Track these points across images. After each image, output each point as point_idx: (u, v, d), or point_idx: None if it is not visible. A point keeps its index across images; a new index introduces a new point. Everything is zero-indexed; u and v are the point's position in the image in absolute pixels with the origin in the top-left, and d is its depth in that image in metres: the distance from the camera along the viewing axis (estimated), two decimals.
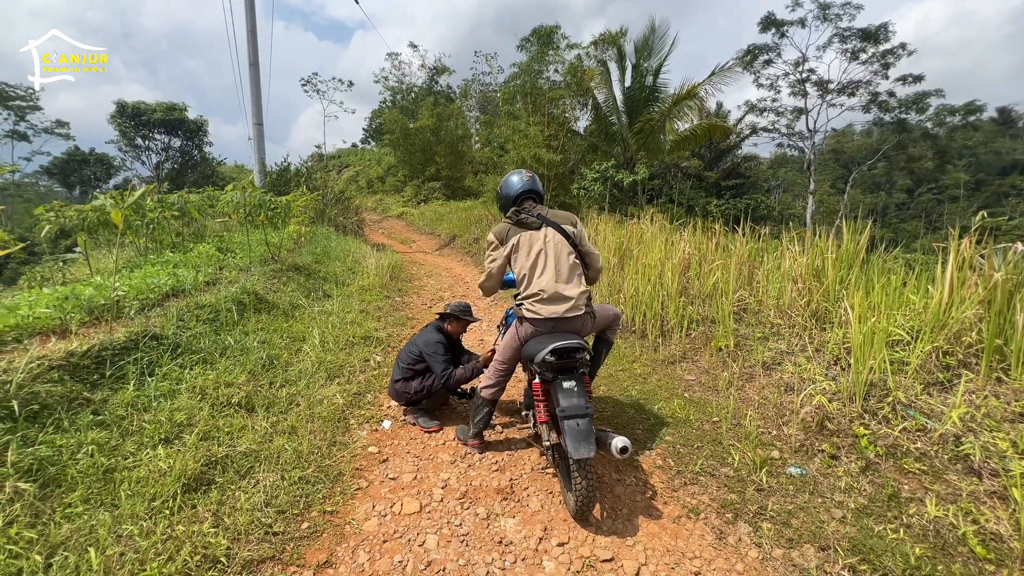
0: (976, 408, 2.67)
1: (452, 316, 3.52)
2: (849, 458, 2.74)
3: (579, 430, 2.09)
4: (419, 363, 3.25)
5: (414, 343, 3.35)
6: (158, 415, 2.63)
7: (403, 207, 21.44)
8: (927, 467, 2.50)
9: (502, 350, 2.79)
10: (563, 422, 2.12)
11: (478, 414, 2.85)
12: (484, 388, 2.82)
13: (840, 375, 3.27)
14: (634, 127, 17.47)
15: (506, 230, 2.67)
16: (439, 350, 3.23)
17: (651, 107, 17.84)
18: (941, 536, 2.13)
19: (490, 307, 6.98)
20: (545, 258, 2.55)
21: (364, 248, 10.04)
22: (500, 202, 2.89)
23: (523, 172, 2.80)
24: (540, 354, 2.25)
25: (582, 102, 18.39)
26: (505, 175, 2.89)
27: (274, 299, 4.88)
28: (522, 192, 2.74)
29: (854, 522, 2.27)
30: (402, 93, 30.79)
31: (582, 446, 2.04)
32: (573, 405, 2.15)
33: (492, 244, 2.73)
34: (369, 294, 6.53)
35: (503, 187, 2.82)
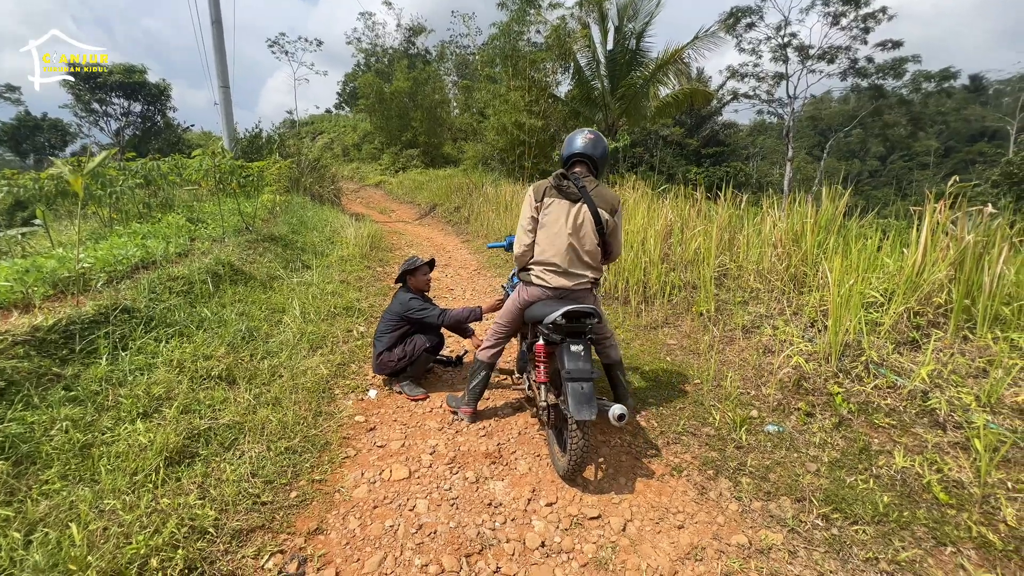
0: (943, 365, 2.79)
1: (406, 273, 3.44)
2: (824, 415, 2.85)
3: (583, 393, 2.11)
4: (399, 328, 3.22)
5: (389, 311, 3.31)
6: (135, 389, 2.56)
7: (381, 176, 20.90)
8: (896, 422, 2.62)
9: (503, 312, 2.78)
10: (567, 384, 2.13)
11: (475, 378, 2.84)
12: (483, 350, 2.83)
13: (817, 336, 3.36)
14: (616, 92, 17.18)
15: (543, 190, 2.53)
16: (417, 303, 3.23)
17: (634, 71, 17.51)
18: (907, 485, 2.25)
19: (472, 277, 6.93)
20: (569, 234, 2.46)
21: (342, 218, 9.79)
22: (561, 158, 2.72)
23: (586, 132, 2.59)
24: (551, 316, 2.25)
25: (564, 66, 17.92)
26: (572, 134, 2.67)
27: (251, 270, 4.74)
28: (576, 154, 2.57)
29: (827, 475, 2.38)
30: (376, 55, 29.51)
31: (584, 408, 2.06)
32: (578, 368, 2.17)
33: (530, 200, 2.56)
34: (349, 264, 6.40)
35: (565, 144, 2.64)
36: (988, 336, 2.87)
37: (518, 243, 2.58)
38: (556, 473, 2.41)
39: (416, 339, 3.20)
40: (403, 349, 3.17)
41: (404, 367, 3.20)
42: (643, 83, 16.72)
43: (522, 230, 2.57)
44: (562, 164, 2.65)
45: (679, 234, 5.45)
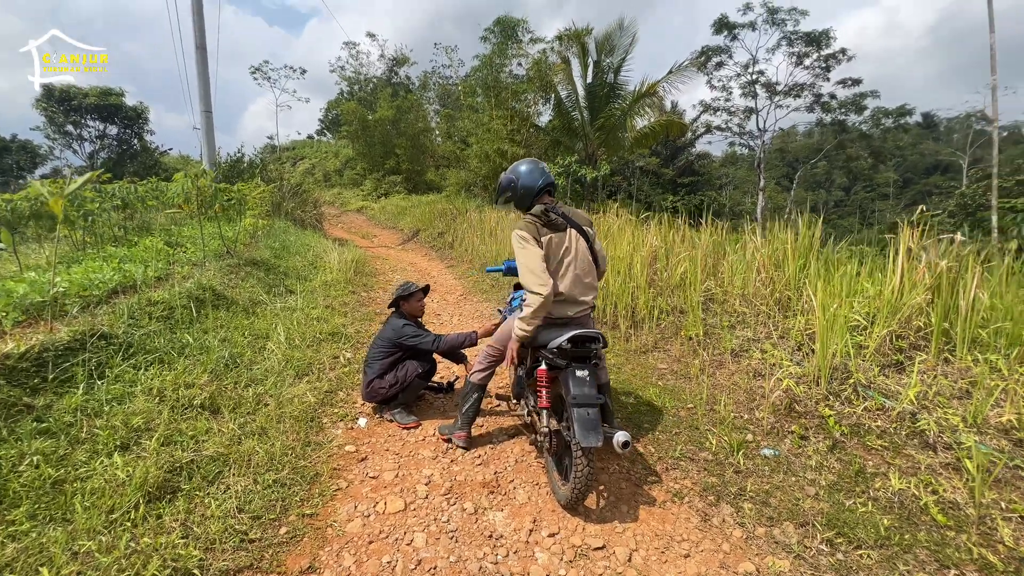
0: (927, 387, 2.86)
1: (400, 299, 3.40)
2: (817, 438, 2.87)
3: (589, 419, 2.08)
4: (391, 354, 3.16)
5: (381, 337, 3.25)
6: (111, 420, 2.42)
7: (363, 201, 20.87)
8: (888, 443, 2.66)
9: (500, 337, 2.74)
10: (573, 410, 2.10)
11: (467, 402, 2.78)
12: (475, 373, 2.78)
13: (804, 360, 3.42)
14: (596, 123, 17.71)
15: (535, 229, 2.38)
16: (411, 329, 3.18)
17: (612, 103, 18.12)
18: (905, 507, 2.26)
19: (459, 302, 6.89)
20: (571, 263, 2.44)
21: (325, 243, 9.69)
22: (514, 195, 2.56)
23: (537, 162, 2.59)
24: (556, 341, 2.23)
25: (544, 97, 18.44)
26: (514, 165, 2.61)
27: (233, 295, 4.61)
28: (544, 186, 2.54)
29: (827, 498, 2.38)
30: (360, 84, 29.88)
31: (591, 434, 2.03)
32: (584, 394, 2.13)
33: (525, 241, 2.37)
34: (333, 289, 6.30)
35: (521, 178, 2.52)
36: (968, 358, 2.97)
37: (540, 288, 2.25)
38: (557, 502, 2.35)
39: (408, 365, 3.14)
40: (395, 375, 3.10)
41: (395, 394, 3.12)
42: (621, 114, 17.30)
43: (534, 276, 2.28)
44: (531, 198, 2.51)
45: (664, 260, 5.55)
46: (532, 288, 2.30)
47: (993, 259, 3.69)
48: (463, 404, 2.81)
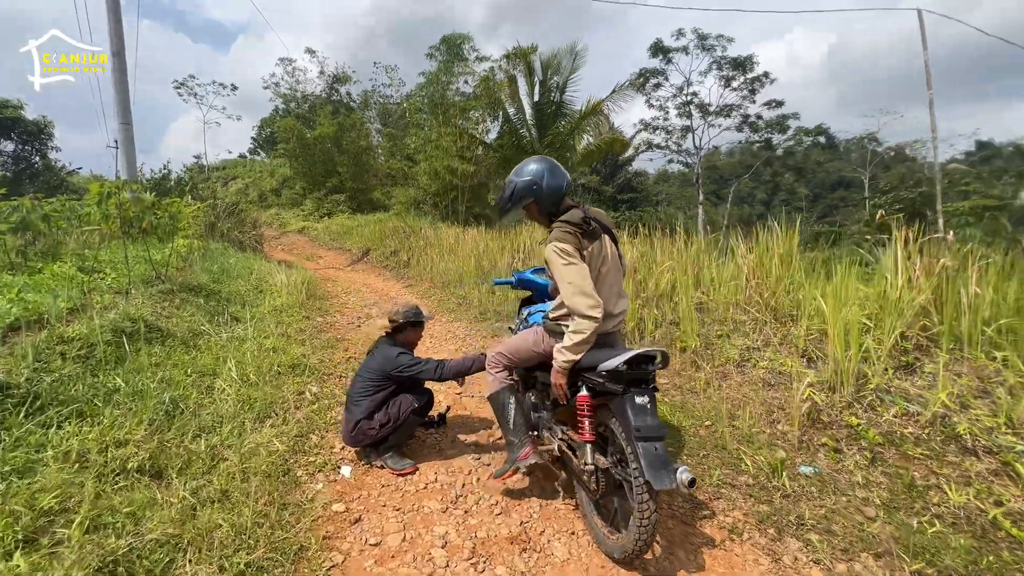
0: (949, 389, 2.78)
1: (408, 324, 2.98)
2: (851, 450, 2.70)
3: (658, 455, 1.74)
4: (381, 389, 2.68)
5: (368, 369, 2.77)
6: (9, 504, 1.78)
7: (304, 221, 19.73)
8: (928, 451, 2.52)
9: (512, 347, 2.37)
10: (638, 444, 1.75)
11: (507, 412, 2.28)
12: (493, 383, 2.35)
13: (818, 366, 3.30)
14: (544, 140, 17.86)
15: (577, 241, 2.02)
16: (408, 357, 2.74)
17: (559, 121, 18.41)
18: (973, 523, 2.10)
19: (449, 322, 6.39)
20: (607, 273, 2.12)
21: (268, 265, 8.83)
22: (538, 200, 2.16)
23: (548, 159, 2.22)
24: (610, 363, 1.86)
25: (492, 114, 18.42)
26: (523, 166, 2.21)
27: (169, 326, 3.89)
28: (569, 186, 2.20)
29: (888, 519, 2.18)
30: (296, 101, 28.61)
31: (662, 474, 1.68)
32: (648, 425, 1.79)
33: (568, 256, 1.99)
34: (285, 315, 5.61)
35: (546, 179, 2.12)
36: (981, 356, 2.94)
37: (593, 310, 1.93)
38: (605, 555, 1.98)
39: (402, 400, 2.67)
40: (386, 413, 2.62)
41: (386, 435, 2.64)
42: (568, 132, 17.59)
43: (584, 297, 1.93)
44: (553, 202, 2.17)
45: (644, 270, 5.40)
46: (583, 311, 1.93)
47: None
48: (506, 420, 2.32)
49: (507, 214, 2.32)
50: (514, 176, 2.25)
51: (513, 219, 2.83)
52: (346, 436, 2.67)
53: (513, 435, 2.29)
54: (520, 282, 2.96)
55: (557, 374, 2.05)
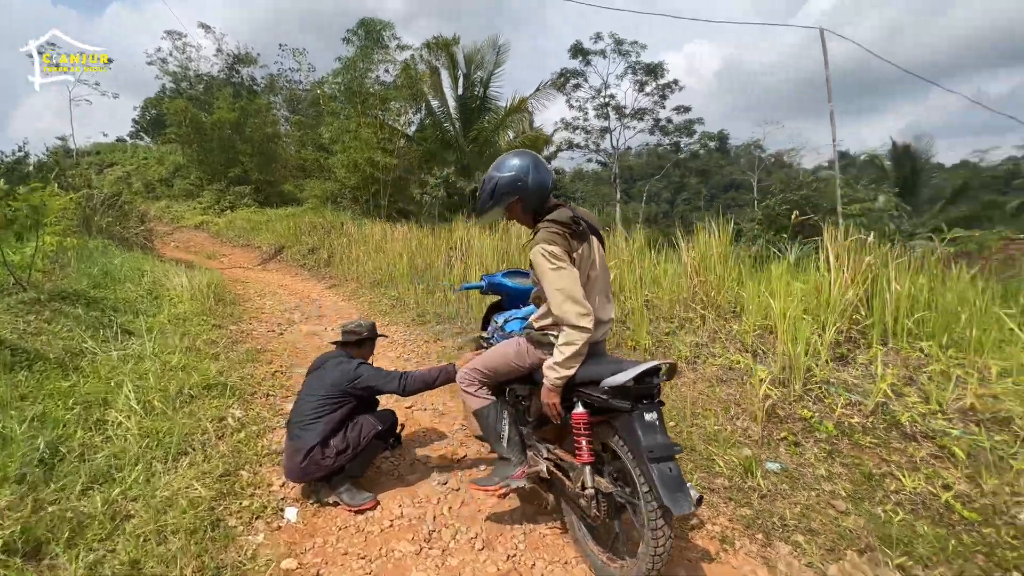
0: (877, 379, 3.00)
1: (365, 339, 2.66)
2: (808, 442, 2.81)
3: (673, 476, 1.59)
4: (338, 407, 2.32)
5: (320, 385, 2.38)
6: None
7: (202, 215, 17.68)
8: (876, 439, 2.68)
9: (490, 362, 2.11)
10: (652, 466, 1.59)
11: (495, 430, 2.05)
12: (474, 399, 2.10)
13: (766, 361, 3.43)
14: (469, 135, 17.60)
15: (567, 243, 1.83)
16: (369, 368, 2.43)
17: (484, 117, 18.23)
18: (930, 507, 2.23)
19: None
20: (596, 277, 1.94)
21: (162, 266, 7.68)
22: (523, 197, 1.95)
23: (530, 152, 2.02)
24: (617, 378, 1.67)
25: (416, 106, 17.80)
26: (503, 161, 1.99)
27: (38, 346, 3.13)
28: (553, 184, 2.01)
29: (857, 510, 2.26)
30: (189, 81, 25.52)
31: (681, 497, 1.54)
32: (660, 444, 1.63)
33: (556, 260, 1.79)
34: (191, 325, 4.85)
35: (531, 175, 1.92)
36: (906, 347, 3.21)
37: (584, 319, 1.76)
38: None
39: (362, 422, 2.32)
40: (344, 438, 2.25)
41: (343, 465, 2.27)
42: (494, 128, 17.47)
43: (575, 305, 1.76)
44: (539, 199, 1.98)
45: None
46: (573, 321, 1.75)
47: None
48: (499, 436, 2.08)
49: (486, 214, 2.07)
50: (495, 171, 2.00)
51: (492, 219, 2.52)
52: (292, 469, 2.26)
53: (508, 452, 2.06)
54: (491, 287, 2.71)
55: (550, 392, 1.85)
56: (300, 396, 2.45)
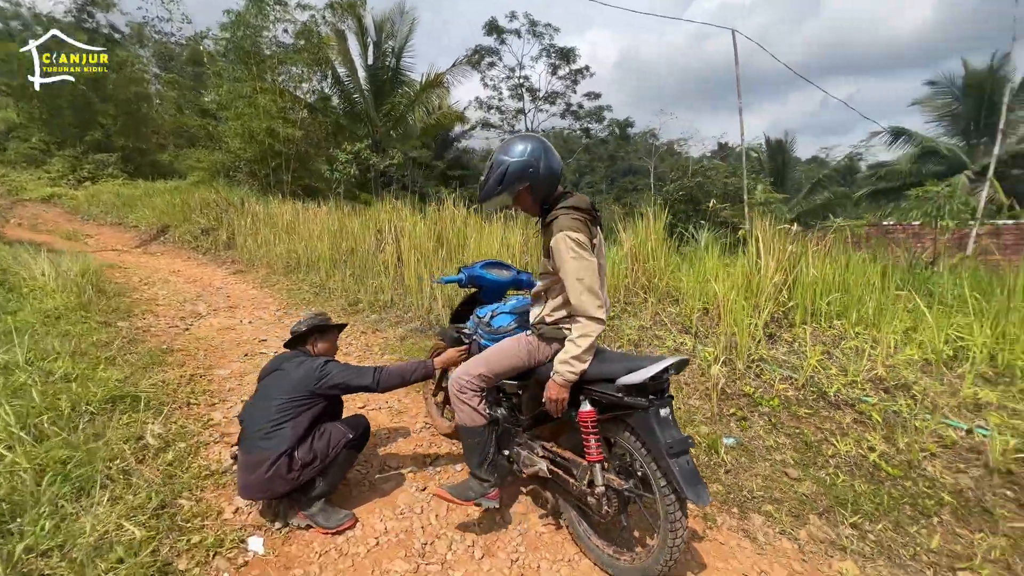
0: (799, 355, 3.37)
1: (316, 330, 2.35)
2: (753, 416, 3.07)
3: (691, 469, 1.62)
4: (303, 409, 2.04)
5: (278, 389, 2.08)
6: None
7: (52, 187, 14.80)
8: (809, 410, 3.00)
9: (501, 361, 1.98)
10: (671, 461, 1.60)
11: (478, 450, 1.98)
12: (469, 415, 1.98)
13: (713, 342, 3.68)
14: (382, 109, 16.65)
15: (588, 230, 1.79)
16: (337, 365, 2.15)
17: (397, 90, 17.33)
18: (862, 467, 2.55)
19: (281, 319, 5.33)
20: (604, 269, 1.91)
21: (9, 249, 6.30)
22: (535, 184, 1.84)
23: (538, 136, 1.90)
24: (634, 376, 1.63)
25: (321, 73, 16.36)
26: (510, 145, 1.87)
27: None
28: (562, 171, 1.91)
29: (807, 476, 2.52)
30: (23, 21, 20.86)
31: (701, 489, 1.58)
32: (677, 439, 1.64)
33: (581, 248, 1.73)
34: (68, 323, 4.04)
35: (543, 161, 1.82)
36: (825, 326, 3.63)
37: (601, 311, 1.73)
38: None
39: (330, 431, 2.07)
40: (310, 449, 1.99)
41: (312, 479, 2.02)
42: (409, 103, 16.66)
43: (592, 296, 1.72)
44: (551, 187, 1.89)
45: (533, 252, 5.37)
46: (591, 312, 1.70)
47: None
48: (483, 457, 1.99)
49: (492, 199, 1.92)
50: (503, 155, 1.86)
51: (498, 206, 2.33)
52: (251, 485, 1.95)
53: (486, 474, 2.00)
54: (470, 280, 2.55)
55: (560, 388, 1.79)
56: (253, 403, 2.13)
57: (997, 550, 1.98)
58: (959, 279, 4.04)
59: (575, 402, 1.85)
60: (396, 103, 16.46)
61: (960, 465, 2.47)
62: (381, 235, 6.44)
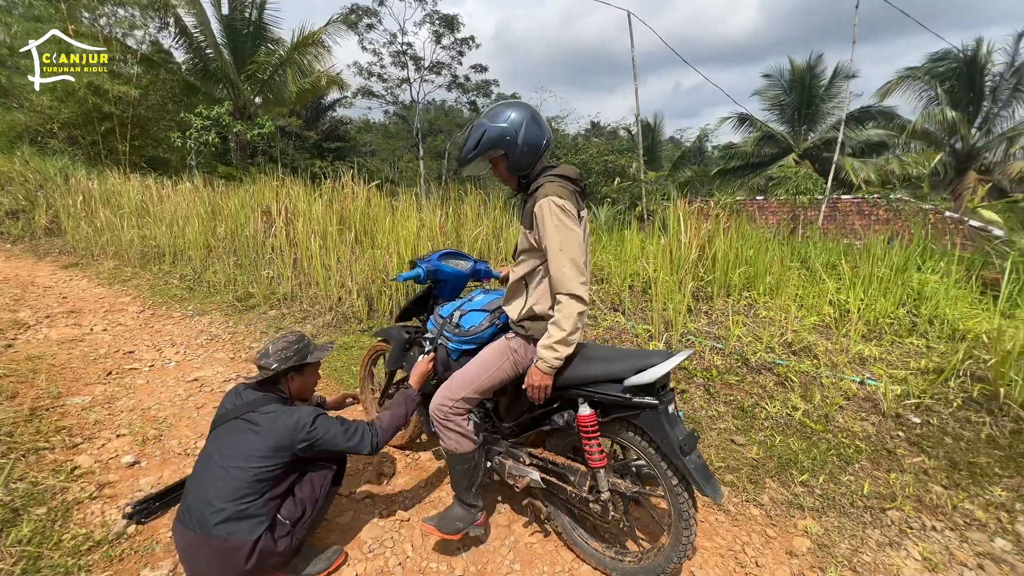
0: (716, 324, 3.66)
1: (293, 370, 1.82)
2: (691, 387, 3.25)
3: (702, 463, 1.58)
4: (283, 475, 1.61)
5: (240, 453, 1.57)
6: None
7: None
8: (737, 377, 3.26)
9: (484, 378, 1.74)
10: (687, 460, 1.54)
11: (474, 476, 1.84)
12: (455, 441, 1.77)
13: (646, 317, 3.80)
14: (245, 70, 14.53)
15: (576, 201, 1.64)
16: (324, 424, 1.66)
17: (261, 48, 15.22)
18: (791, 426, 2.83)
19: (149, 322, 4.38)
20: (589, 245, 1.76)
21: None
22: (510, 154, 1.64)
23: (530, 107, 1.69)
24: (644, 376, 1.52)
25: (160, 19, 13.70)
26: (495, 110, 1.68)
27: None
28: (550, 141, 1.68)
29: (750, 441, 2.72)
30: None
31: (715, 483, 1.56)
32: (686, 435, 1.58)
33: (566, 216, 1.55)
34: None
35: (523, 130, 1.61)
36: (738, 297, 3.96)
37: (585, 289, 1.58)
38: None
39: (311, 480, 1.69)
40: (296, 504, 1.60)
41: (306, 536, 1.64)
42: (279, 64, 14.70)
43: (577, 271, 1.56)
44: (528, 160, 1.68)
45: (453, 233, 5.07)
46: (573, 288, 1.54)
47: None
48: (469, 483, 1.80)
49: (468, 164, 1.71)
50: (485, 120, 1.65)
51: (475, 172, 2.00)
52: (227, 571, 1.48)
53: (473, 500, 1.85)
54: (430, 274, 2.20)
55: (543, 376, 1.62)
56: (206, 463, 1.60)
57: (909, 487, 2.32)
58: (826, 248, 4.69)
59: (572, 405, 1.72)
60: (262, 63, 14.42)
61: (862, 414, 2.85)
62: (269, 217, 5.58)
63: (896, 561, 1.91)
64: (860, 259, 4.17)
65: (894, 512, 2.19)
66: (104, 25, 13.39)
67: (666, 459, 1.61)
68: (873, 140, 19.46)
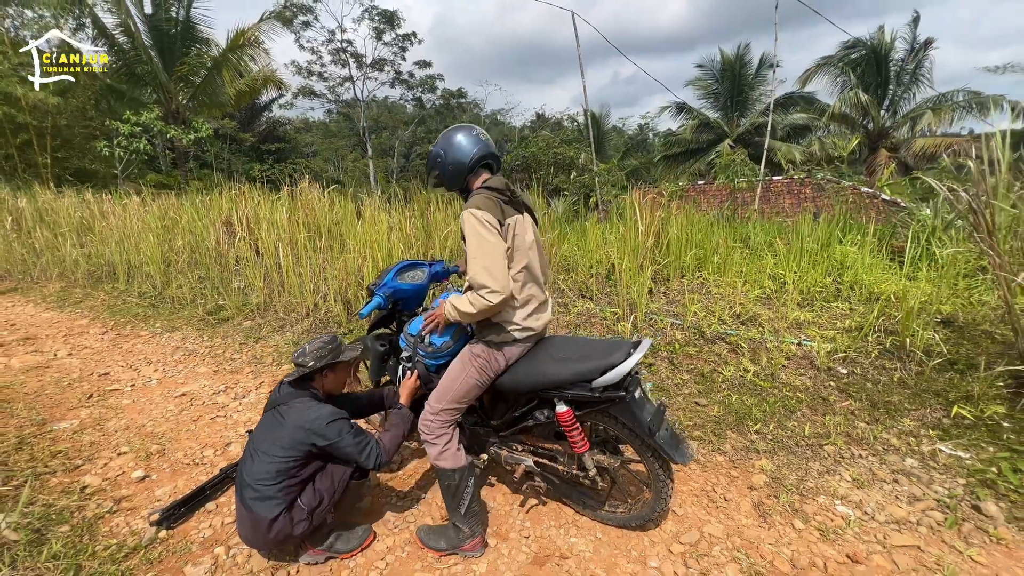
0: (673, 303, 4.06)
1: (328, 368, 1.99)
2: (657, 360, 3.62)
3: (671, 434, 1.84)
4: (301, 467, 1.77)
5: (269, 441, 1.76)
6: None
7: None
8: (696, 348, 3.66)
9: (458, 389, 1.89)
10: (657, 437, 1.78)
11: (463, 494, 1.90)
12: (444, 457, 1.89)
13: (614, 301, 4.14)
14: (175, 72, 13.81)
15: (499, 209, 1.74)
16: (342, 427, 1.81)
17: (191, 49, 14.50)
18: (744, 386, 3.25)
19: (117, 343, 4.29)
20: (539, 255, 1.93)
21: None
22: (442, 173, 1.88)
23: (472, 128, 1.87)
24: (611, 376, 1.73)
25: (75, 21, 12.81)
26: (444, 133, 1.92)
27: None
28: (482, 157, 1.84)
29: (711, 402, 3.11)
30: None
31: (684, 448, 1.83)
32: (655, 414, 1.83)
33: (484, 226, 1.68)
34: None
35: (450, 151, 1.84)
36: (691, 276, 4.38)
37: (499, 287, 1.67)
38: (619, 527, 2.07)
39: (332, 472, 1.85)
40: (315, 493, 1.78)
41: (323, 521, 1.83)
42: (213, 65, 14.04)
43: (489, 275, 1.66)
44: (457, 178, 1.88)
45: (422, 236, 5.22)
46: (488, 284, 1.66)
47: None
48: (460, 502, 1.90)
49: (430, 182, 2.02)
50: (433, 146, 1.95)
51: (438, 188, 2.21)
52: (254, 541, 1.76)
53: (464, 522, 1.93)
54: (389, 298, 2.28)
55: (441, 317, 1.90)
56: (249, 444, 1.81)
57: (840, 426, 2.77)
58: (764, 228, 5.22)
59: (548, 404, 1.92)
60: (193, 64, 13.73)
61: (801, 371, 3.31)
62: (231, 227, 5.51)
63: (833, 484, 2.33)
64: (792, 236, 4.69)
65: (829, 447, 2.62)
66: (8, 28, 12.35)
67: (639, 438, 1.86)
68: (798, 124, 21.01)
